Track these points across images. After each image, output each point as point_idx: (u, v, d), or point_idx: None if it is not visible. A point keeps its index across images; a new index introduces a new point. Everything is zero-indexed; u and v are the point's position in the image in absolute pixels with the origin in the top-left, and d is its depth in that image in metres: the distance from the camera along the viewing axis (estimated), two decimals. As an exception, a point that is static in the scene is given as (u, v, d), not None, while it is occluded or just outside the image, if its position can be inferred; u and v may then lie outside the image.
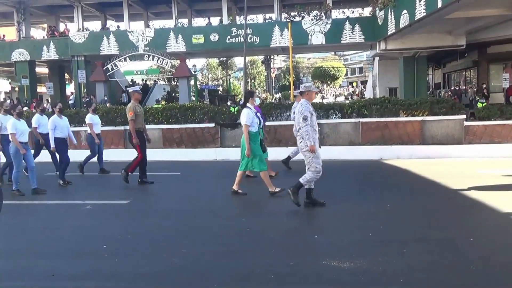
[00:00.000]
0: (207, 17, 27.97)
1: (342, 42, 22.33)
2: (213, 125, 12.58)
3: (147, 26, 26.83)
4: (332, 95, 57.67)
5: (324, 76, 57.34)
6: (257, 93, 44.10)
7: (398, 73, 22.62)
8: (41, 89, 31.62)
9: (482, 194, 6.54)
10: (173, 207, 6.86)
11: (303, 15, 22.44)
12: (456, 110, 11.57)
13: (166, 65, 23.44)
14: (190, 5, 27.17)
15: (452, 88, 26.52)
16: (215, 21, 26.26)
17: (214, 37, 23.25)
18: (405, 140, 11.42)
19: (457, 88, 25.29)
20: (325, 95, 54.75)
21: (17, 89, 30.32)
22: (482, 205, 6.05)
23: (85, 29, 25.52)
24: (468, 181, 7.50)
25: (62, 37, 25.71)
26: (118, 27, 27.12)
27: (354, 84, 66.78)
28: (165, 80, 41.30)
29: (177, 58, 24.20)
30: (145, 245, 4.86)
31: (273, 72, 56.71)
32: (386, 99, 12.47)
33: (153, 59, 23.46)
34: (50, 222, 6.08)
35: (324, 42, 22.45)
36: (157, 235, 5.26)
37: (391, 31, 18.03)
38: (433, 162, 10.13)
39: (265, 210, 6.50)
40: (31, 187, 7.75)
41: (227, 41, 23.15)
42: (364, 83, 54.75)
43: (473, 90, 22.01)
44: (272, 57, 46.57)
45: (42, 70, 31.10)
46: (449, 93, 23.80)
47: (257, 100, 7.80)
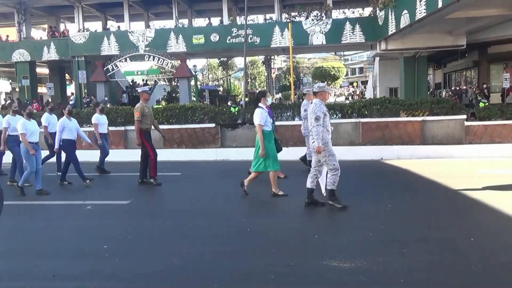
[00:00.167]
0: (207, 17, 27.93)
1: (342, 42, 22.30)
2: (213, 125, 12.59)
3: (147, 26, 26.83)
4: (333, 95, 57.63)
5: (325, 76, 57.26)
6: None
7: (398, 73, 22.59)
8: (41, 89, 31.64)
9: (482, 194, 6.54)
10: (173, 207, 6.88)
11: (304, 15, 22.40)
12: (456, 110, 11.56)
13: (167, 65, 23.44)
14: (191, 5, 27.17)
15: (453, 88, 26.52)
16: (215, 21, 26.24)
17: (215, 37, 23.24)
18: (405, 140, 11.42)
19: (457, 88, 25.28)
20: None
21: (17, 89, 30.35)
22: (482, 205, 6.05)
23: (85, 29, 25.53)
24: (469, 181, 7.51)
25: (62, 37, 25.71)
26: (119, 27, 27.11)
27: (355, 84, 66.67)
28: (166, 81, 41.33)
29: (177, 58, 24.18)
30: (146, 245, 4.87)
31: (274, 72, 56.65)
32: (387, 99, 12.46)
33: (153, 59, 23.45)
34: (51, 222, 6.10)
35: (324, 42, 22.42)
36: (157, 235, 5.27)
37: (391, 31, 18.02)
38: (434, 162, 10.12)
39: (266, 210, 6.51)
40: (36, 188, 7.78)
41: (227, 41, 23.14)
42: (365, 83, 54.71)
43: (473, 90, 22.00)
44: (272, 57, 46.50)
45: (43, 70, 31.10)
46: (450, 93, 23.81)
47: (268, 100, 7.82)
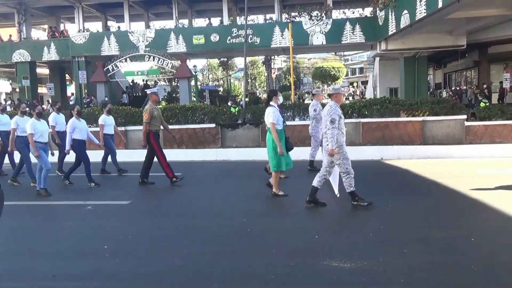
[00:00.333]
0: (207, 17, 27.93)
1: (342, 42, 22.31)
2: (213, 125, 12.59)
3: (147, 26, 26.84)
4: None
5: (325, 76, 57.26)
6: (257, 93, 44.27)
7: (398, 73, 22.59)
8: (41, 90, 31.65)
9: (482, 194, 6.54)
10: (173, 207, 6.88)
11: (305, 15, 22.39)
12: (456, 110, 11.57)
13: (167, 65, 23.45)
14: (191, 5, 27.18)
15: (453, 88, 26.53)
16: (215, 21, 26.24)
17: (215, 37, 23.25)
18: (405, 140, 11.41)
19: (457, 88, 25.29)
20: (326, 96, 54.61)
21: (17, 90, 30.36)
22: (483, 205, 6.05)
23: (85, 30, 25.53)
24: (469, 181, 7.50)
25: (62, 38, 25.72)
26: (119, 27, 27.13)
27: (355, 84, 66.62)
28: (166, 81, 41.36)
29: (177, 58, 24.19)
30: (146, 245, 4.87)
31: (274, 73, 56.61)
32: (387, 99, 12.47)
33: (153, 59, 23.47)
34: (51, 223, 6.10)
35: (324, 43, 22.44)
36: (157, 235, 5.27)
37: (391, 31, 18.02)
38: (434, 162, 10.12)
39: (266, 210, 6.50)
40: (37, 188, 7.78)
41: (227, 41, 23.15)
42: (365, 83, 54.67)
43: (472, 90, 22.00)
44: (272, 57, 46.51)
45: (43, 71, 31.13)
46: (450, 93, 23.81)
47: (280, 99, 7.77)
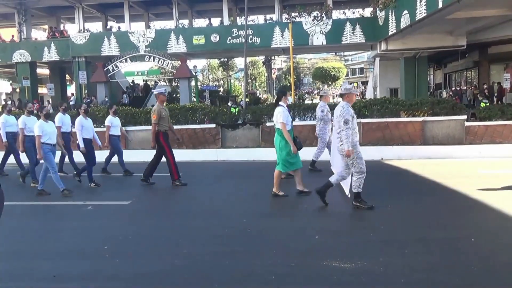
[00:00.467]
0: (207, 18, 27.95)
1: (342, 42, 22.32)
2: (214, 125, 12.59)
3: (148, 27, 26.86)
4: (334, 95, 57.61)
5: (325, 76, 57.34)
6: (257, 93, 44.25)
7: (399, 73, 22.59)
8: (42, 90, 31.66)
9: (482, 194, 6.54)
10: (174, 207, 6.89)
11: (305, 15, 22.39)
12: (457, 111, 11.55)
13: (167, 66, 23.46)
14: (191, 6, 27.18)
15: (453, 89, 26.53)
16: (215, 22, 26.27)
17: (215, 38, 23.26)
18: (406, 140, 11.41)
19: (458, 89, 25.29)
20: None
21: (18, 90, 30.36)
22: (483, 205, 6.05)
23: (86, 30, 25.54)
24: (469, 181, 7.50)
25: (63, 38, 25.73)
26: (119, 28, 27.14)
27: (355, 84, 66.48)
28: (166, 81, 41.34)
29: (178, 59, 24.19)
30: (146, 245, 4.87)
31: (274, 73, 56.69)
32: (387, 99, 12.46)
33: (154, 60, 23.49)
34: (51, 223, 6.11)
35: (324, 43, 22.44)
36: (158, 235, 5.27)
37: (391, 31, 18.02)
38: (434, 162, 10.12)
39: (266, 210, 6.49)
40: (38, 187, 7.81)
41: (227, 42, 23.15)
42: (365, 83, 54.67)
43: (472, 90, 22.00)
44: (272, 57, 46.56)
45: (43, 71, 31.14)
46: (450, 93, 23.81)
47: (289, 99, 7.69)
